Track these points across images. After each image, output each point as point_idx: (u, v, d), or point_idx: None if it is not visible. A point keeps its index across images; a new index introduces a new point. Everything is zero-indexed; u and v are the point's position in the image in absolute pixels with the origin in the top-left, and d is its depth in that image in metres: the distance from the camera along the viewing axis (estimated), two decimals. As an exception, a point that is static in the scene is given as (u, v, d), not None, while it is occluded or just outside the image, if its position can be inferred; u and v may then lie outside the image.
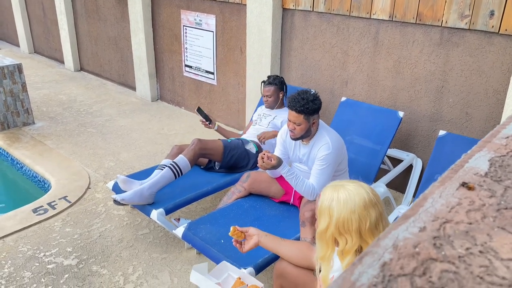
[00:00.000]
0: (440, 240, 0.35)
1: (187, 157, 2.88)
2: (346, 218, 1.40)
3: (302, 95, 2.45)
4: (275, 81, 3.31)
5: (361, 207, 1.39)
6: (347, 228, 1.41)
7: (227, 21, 4.39)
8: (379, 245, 0.34)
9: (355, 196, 1.41)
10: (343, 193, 1.43)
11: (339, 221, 1.41)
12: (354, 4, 3.33)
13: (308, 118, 2.45)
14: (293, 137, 2.54)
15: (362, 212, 1.39)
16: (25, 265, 2.62)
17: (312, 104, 2.44)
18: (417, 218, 0.38)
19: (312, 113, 2.45)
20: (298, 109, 2.42)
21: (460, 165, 0.47)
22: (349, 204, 1.40)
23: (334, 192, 1.45)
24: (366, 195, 1.41)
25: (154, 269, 2.63)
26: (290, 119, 2.48)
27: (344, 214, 1.40)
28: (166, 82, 5.47)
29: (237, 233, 1.89)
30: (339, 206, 1.42)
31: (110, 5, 5.82)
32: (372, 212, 1.39)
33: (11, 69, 4.41)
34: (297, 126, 2.46)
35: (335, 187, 1.47)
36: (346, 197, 1.41)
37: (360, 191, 1.41)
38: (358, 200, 1.40)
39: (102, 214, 3.15)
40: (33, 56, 7.87)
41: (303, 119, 2.44)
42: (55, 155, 4.03)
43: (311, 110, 2.43)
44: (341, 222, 1.41)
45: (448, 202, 0.40)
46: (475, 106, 2.95)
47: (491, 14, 2.70)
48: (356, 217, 1.39)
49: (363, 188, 1.43)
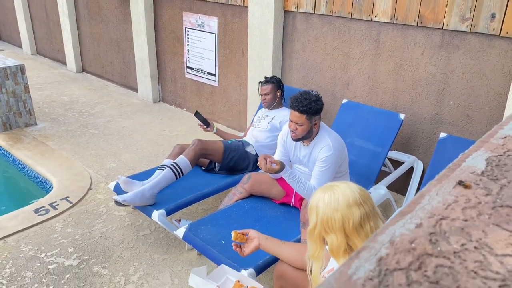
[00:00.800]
0: (436, 236, 0.35)
1: (187, 158, 2.89)
2: (329, 217, 1.45)
3: (304, 95, 2.47)
4: (272, 79, 3.34)
5: (344, 206, 1.43)
6: (331, 226, 1.46)
7: (229, 23, 4.41)
8: (376, 241, 0.35)
9: (340, 196, 1.45)
10: (329, 193, 1.48)
11: (324, 220, 1.46)
12: (356, 7, 3.34)
13: (310, 119, 2.46)
14: (294, 138, 2.54)
15: (345, 211, 1.43)
16: (26, 265, 2.63)
17: (315, 105, 2.45)
18: (414, 214, 0.38)
19: (314, 113, 2.46)
20: (300, 109, 2.43)
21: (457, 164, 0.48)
22: (332, 204, 1.45)
23: (323, 192, 1.50)
24: (350, 195, 1.45)
25: (155, 270, 2.63)
26: (292, 119, 2.49)
27: (327, 213, 1.45)
28: (168, 84, 5.48)
29: (239, 236, 1.89)
30: (323, 205, 1.47)
31: (113, 6, 5.84)
32: (356, 211, 1.43)
33: (13, 70, 4.43)
34: (299, 126, 2.47)
35: (325, 187, 1.52)
36: (330, 197, 1.46)
37: (346, 191, 1.46)
38: (341, 200, 1.44)
39: (104, 215, 3.16)
40: (36, 57, 7.90)
41: (305, 119, 2.45)
42: (57, 155, 4.04)
43: (314, 110, 2.44)
44: (325, 220, 1.46)
45: (445, 200, 0.40)
46: (476, 108, 2.95)
47: (492, 17, 2.71)
48: (339, 216, 1.44)
49: (350, 188, 1.47)
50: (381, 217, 1.50)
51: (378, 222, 1.47)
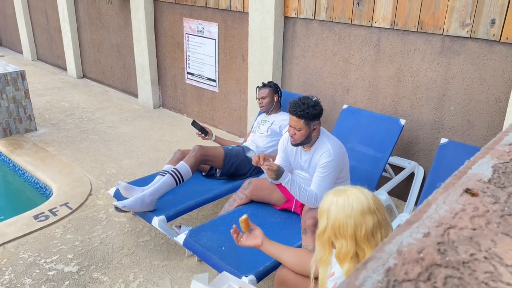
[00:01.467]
0: (444, 246, 0.35)
1: (188, 164, 2.89)
2: (342, 222, 1.42)
3: (303, 100, 2.47)
4: (269, 84, 3.36)
5: (358, 213, 1.40)
6: (342, 232, 1.42)
7: (229, 29, 4.42)
8: (384, 250, 0.34)
9: (354, 201, 1.41)
10: (343, 197, 1.44)
11: (335, 225, 1.43)
12: (356, 12, 3.34)
13: (308, 124, 2.45)
14: (293, 143, 2.54)
15: (358, 218, 1.40)
16: (25, 271, 2.61)
17: (313, 110, 2.44)
18: (421, 223, 0.38)
19: (313, 118, 2.46)
20: (298, 114, 2.43)
21: (463, 171, 0.47)
22: (346, 209, 1.41)
23: (335, 196, 1.47)
24: (365, 202, 1.41)
25: (155, 276, 2.61)
26: (291, 124, 2.49)
27: (340, 218, 1.42)
28: (168, 89, 5.49)
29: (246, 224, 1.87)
30: (336, 210, 1.43)
31: (113, 12, 5.86)
32: (369, 219, 1.40)
33: (14, 76, 4.43)
34: (297, 131, 2.47)
35: (338, 191, 1.49)
36: (344, 201, 1.43)
37: (360, 197, 1.42)
38: (355, 206, 1.41)
39: (103, 221, 3.15)
40: (36, 63, 7.92)
41: (303, 124, 2.44)
42: (57, 161, 4.03)
43: (312, 115, 2.44)
44: (337, 225, 1.43)
45: (452, 208, 0.40)
46: (477, 114, 2.95)
47: (492, 23, 2.71)
48: (352, 222, 1.40)
49: (364, 194, 1.43)
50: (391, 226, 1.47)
51: (389, 231, 1.44)
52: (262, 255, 2.35)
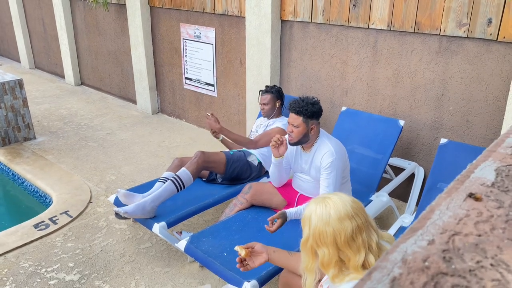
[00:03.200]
0: (449, 254, 0.34)
1: (189, 170, 2.88)
2: (321, 230, 1.44)
3: (303, 98, 2.53)
4: (272, 90, 3.33)
5: (336, 220, 1.42)
6: (323, 240, 1.44)
7: (226, 34, 4.42)
8: (388, 260, 0.33)
9: (331, 209, 1.43)
10: (321, 205, 1.46)
11: (316, 233, 1.45)
12: (352, 15, 3.35)
13: (306, 121, 2.47)
14: (290, 142, 2.55)
15: (336, 224, 1.42)
16: (26, 281, 2.59)
17: (311, 107, 2.47)
18: (425, 231, 0.37)
19: (311, 116, 2.48)
20: (297, 110, 2.47)
21: (466, 175, 0.46)
22: (324, 217, 1.43)
23: (315, 204, 1.49)
24: (342, 208, 1.43)
25: (156, 283, 2.60)
26: (289, 121, 2.53)
27: (319, 226, 1.44)
28: (167, 95, 5.49)
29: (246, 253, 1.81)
30: (316, 218, 1.45)
31: (110, 19, 5.87)
32: (347, 224, 1.41)
33: (12, 84, 4.43)
34: (295, 128, 2.49)
35: (318, 200, 1.50)
36: (322, 209, 1.45)
37: (337, 204, 1.44)
38: (333, 213, 1.43)
39: (104, 228, 3.14)
40: (34, 71, 7.92)
41: (301, 121, 2.47)
42: (56, 169, 4.02)
43: (310, 112, 2.46)
44: (317, 233, 1.45)
45: (456, 214, 0.39)
46: (476, 113, 2.95)
47: (489, 22, 2.72)
48: (330, 229, 1.42)
49: (342, 200, 1.45)
50: (375, 228, 1.48)
51: (371, 234, 1.45)
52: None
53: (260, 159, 3.26)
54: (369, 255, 1.41)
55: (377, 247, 1.44)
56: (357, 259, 1.40)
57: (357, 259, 1.40)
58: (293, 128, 2.50)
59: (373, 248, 1.42)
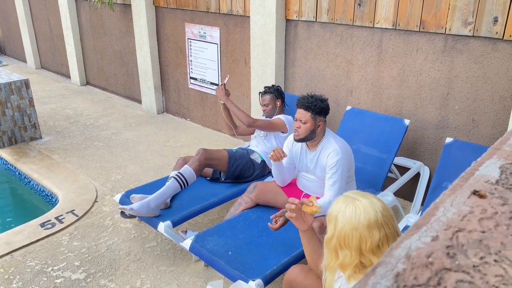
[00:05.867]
0: (453, 249, 0.34)
1: (192, 167, 2.89)
2: (347, 234, 1.40)
3: (311, 94, 2.55)
4: (271, 90, 3.33)
5: (364, 227, 1.38)
6: (347, 243, 1.41)
7: (231, 33, 4.43)
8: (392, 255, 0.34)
9: (361, 214, 1.39)
10: (351, 208, 1.41)
11: (341, 234, 1.42)
12: (357, 14, 3.34)
13: (314, 117, 2.48)
14: (296, 138, 2.55)
15: (364, 231, 1.38)
16: (33, 280, 2.62)
17: (320, 103, 2.49)
18: (429, 227, 0.37)
19: (319, 112, 2.49)
20: (305, 105, 2.48)
21: (470, 173, 0.47)
22: (353, 221, 1.39)
23: (344, 204, 1.44)
24: (373, 215, 1.38)
25: (162, 282, 2.61)
26: (297, 117, 2.52)
27: (346, 229, 1.40)
28: (172, 95, 5.50)
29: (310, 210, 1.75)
30: (343, 220, 1.41)
31: (115, 19, 5.89)
32: (376, 233, 1.38)
33: (18, 84, 4.46)
34: (303, 124, 2.49)
35: (347, 199, 1.46)
36: (352, 213, 1.40)
37: (368, 210, 1.39)
38: (363, 219, 1.38)
39: (110, 227, 3.15)
40: (40, 72, 7.97)
41: (309, 117, 2.47)
42: (62, 169, 4.05)
43: (319, 108, 2.47)
44: (342, 235, 1.41)
45: (460, 211, 0.39)
46: (481, 112, 2.93)
47: (495, 21, 2.70)
48: (357, 235, 1.39)
49: (373, 207, 1.40)
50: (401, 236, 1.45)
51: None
52: (269, 259, 2.35)
53: (263, 158, 3.27)
54: None
55: None
56: None
57: None
58: (301, 124, 2.50)
59: None
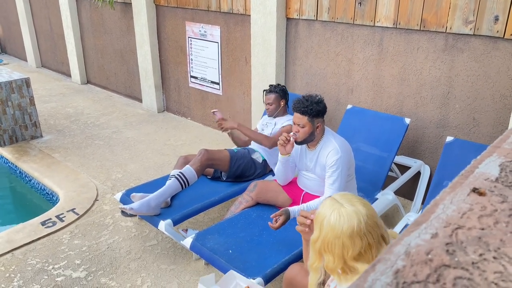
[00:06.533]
0: (452, 247, 0.34)
1: (193, 168, 2.89)
2: (331, 241, 1.42)
3: (306, 97, 2.51)
4: (276, 89, 3.32)
5: (347, 236, 1.39)
6: (330, 249, 1.43)
7: (232, 32, 4.43)
8: (392, 252, 0.34)
9: (345, 223, 1.40)
10: (336, 215, 1.42)
11: (325, 240, 1.43)
12: (358, 12, 3.34)
13: (312, 121, 2.47)
14: (297, 141, 2.55)
15: (346, 240, 1.39)
16: (34, 278, 2.62)
17: (316, 106, 2.47)
18: (429, 224, 0.37)
19: (316, 115, 2.47)
20: (302, 110, 2.47)
21: (470, 170, 0.47)
22: (336, 229, 1.40)
23: (330, 210, 1.45)
24: (356, 225, 1.38)
25: (162, 280, 2.62)
26: (295, 121, 2.52)
27: (329, 236, 1.42)
28: (172, 93, 5.50)
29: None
30: (328, 227, 1.43)
31: (116, 18, 5.89)
32: (358, 242, 1.38)
33: (19, 83, 4.46)
34: (301, 128, 2.49)
35: (334, 204, 1.46)
36: (336, 220, 1.41)
37: (352, 219, 1.39)
38: (345, 228, 1.39)
39: (110, 226, 3.16)
40: (41, 70, 7.97)
41: (307, 121, 2.46)
42: (63, 167, 4.05)
43: (315, 111, 2.46)
44: (326, 241, 1.43)
45: (460, 208, 0.40)
46: (482, 111, 2.93)
47: (496, 19, 2.70)
48: (340, 243, 1.40)
49: (358, 215, 1.40)
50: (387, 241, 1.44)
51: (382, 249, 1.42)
52: (269, 257, 2.35)
53: (265, 157, 3.27)
54: None
55: None
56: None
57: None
58: (299, 128, 2.50)
59: None
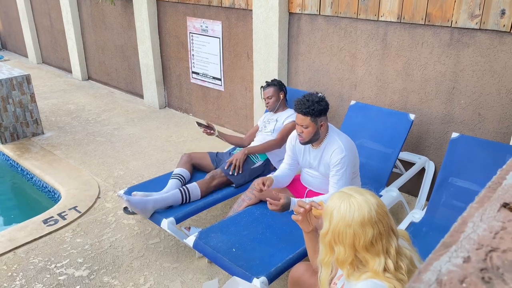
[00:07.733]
0: (488, 273, 0.31)
1: (200, 187, 2.90)
2: (342, 230, 1.41)
3: (307, 97, 2.45)
4: (274, 82, 3.31)
5: (358, 224, 1.38)
6: (341, 239, 1.42)
7: (233, 27, 4.38)
8: (421, 280, 0.31)
9: (355, 211, 1.39)
10: (346, 205, 1.42)
11: (335, 231, 1.42)
12: (361, 7, 3.29)
13: (315, 120, 2.43)
14: (302, 142, 2.51)
15: (357, 228, 1.38)
16: (36, 277, 2.60)
17: (318, 106, 2.41)
18: (459, 246, 0.34)
19: (319, 114, 2.43)
20: (304, 111, 2.41)
21: (497, 182, 0.43)
22: (347, 218, 1.40)
23: (339, 200, 1.45)
24: (367, 212, 1.38)
25: (165, 279, 2.60)
26: (298, 123, 2.47)
27: (340, 225, 1.41)
28: (174, 89, 5.47)
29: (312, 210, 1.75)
30: (338, 216, 1.42)
31: (116, 13, 5.84)
32: (369, 230, 1.38)
33: (19, 80, 4.43)
34: (305, 129, 2.44)
35: (342, 195, 1.46)
36: (346, 209, 1.41)
37: (363, 207, 1.40)
38: (356, 216, 1.39)
39: (112, 223, 3.14)
40: (41, 66, 7.93)
41: (309, 121, 2.42)
42: (64, 165, 4.03)
43: (317, 111, 2.41)
44: (336, 232, 1.42)
45: (491, 227, 0.36)
46: (488, 107, 2.89)
47: (502, 13, 2.65)
48: (351, 231, 1.39)
49: (368, 203, 1.40)
50: (395, 232, 1.44)
51: (391, 239, 1.41)
52: (273, 255, 2.32)
53: (267, 156, 3.24)
54: (387, 260, 1.39)
55: (395, 251, 1.41)
56: (376, 264, 1.37)
57: (376, 263, 1.37)
58: (303, 129, 2.45)
59: (391, 254, 1.39)
